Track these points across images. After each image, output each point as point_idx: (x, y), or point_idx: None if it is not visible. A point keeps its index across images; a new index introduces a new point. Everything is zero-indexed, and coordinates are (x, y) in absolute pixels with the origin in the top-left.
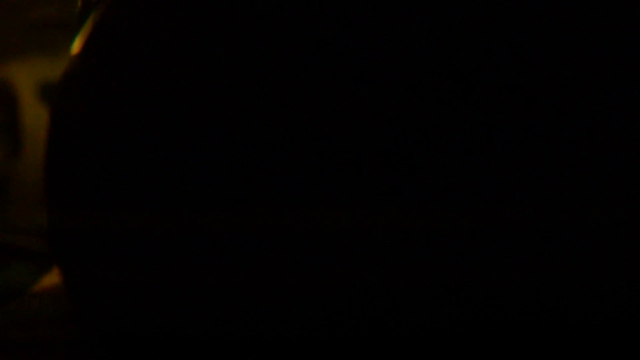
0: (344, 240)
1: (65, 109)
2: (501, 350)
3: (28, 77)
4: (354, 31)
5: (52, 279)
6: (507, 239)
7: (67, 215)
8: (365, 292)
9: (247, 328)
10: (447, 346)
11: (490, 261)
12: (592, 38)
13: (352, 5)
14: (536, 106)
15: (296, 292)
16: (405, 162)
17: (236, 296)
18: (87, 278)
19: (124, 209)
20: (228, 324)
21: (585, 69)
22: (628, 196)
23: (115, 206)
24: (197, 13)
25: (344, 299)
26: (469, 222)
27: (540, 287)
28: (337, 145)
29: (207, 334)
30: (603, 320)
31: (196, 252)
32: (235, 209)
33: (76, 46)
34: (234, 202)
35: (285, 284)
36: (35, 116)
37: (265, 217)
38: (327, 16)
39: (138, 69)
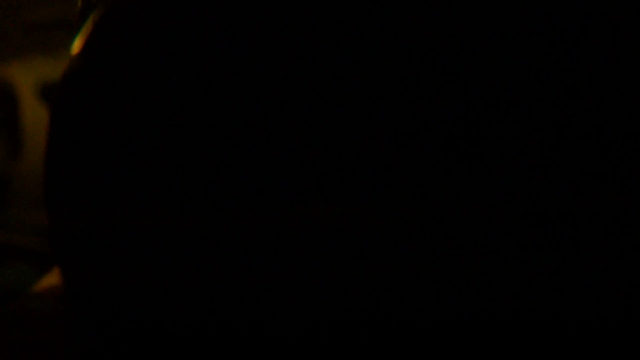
0: (343, 240)
1: (65, 109)
2: (500, 350)
3: (28, 77)
4: (353, 34)
5: (52, 279)
6: (507, 238)
7: (67, 216)
8: (364, 293)
9: (247, 328)
10: (446, 346)
11: (489, 260)
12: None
13: (351, 8)
14: (533, 108)
15: (296, 293)
16: (405, 164)
17: (235, 296)
18: (87, 278)
19: (124, 209)
20: (227, 324)
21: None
22: (628, 196)
23: (115, 206)
24: (196, 13)
25: (343, 299)
26: (470, 222)
27: (540, 287)
28: (338, 147)
29: (206, 334)
30: (602, 320)
31: (195, 253)
32: (234, 209)
33: (76, 46)
34: (234, 202)
35: (286, 284)
36: (35, 116)
37: (264, 217)
38: (329, 20)
39: (138, 69)
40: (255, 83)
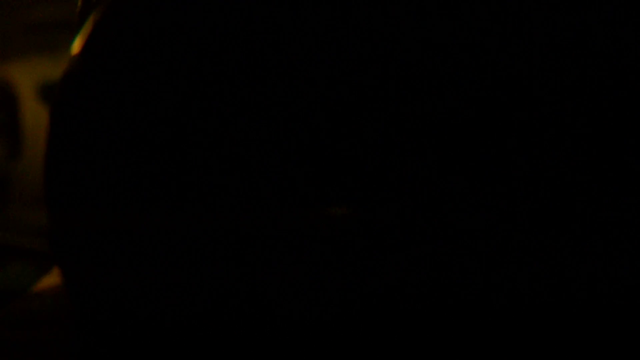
0: (343, 241)
1: (65, 109)
2: (499, 349)
3: (28, 77)
4: (350, 35)
5: (52, 279)
6: (507, 238)
7: (66, 215)
8: (363, 292)
9: (246, 328)
10: (446, 346)
11: (489, 260)
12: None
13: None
14: (533, 109)
15: (294, 294)
16: (406, 166)
17: (234, 297)
18: (87, 278)
19: (124, 208)
20: (226, 324)
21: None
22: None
23: (115, 206)
24: (196, 13)
25: (342, 299)
26: (470, 222)
27: (540, 286)
28: (338, 147)
29: (206, 333)
30: (602, 317)
31: (195, 252)
32: (233, 208)
33: (76, 46)
34: (233, 201)
35: (283, 283)
36: (35, 116)
37: (263, 218)
38: (330, 22)
39: (138, 68)
40: (255, 83)
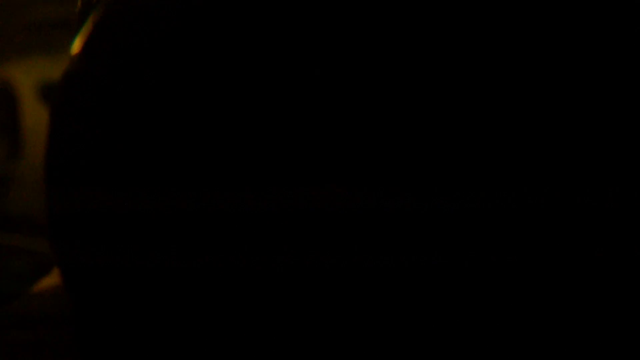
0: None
1: (65, 108)
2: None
3: (28, 77)
4: (349, 30)
5: (52, 279)
6: (507, 233)
7: (67, 216)
8: (362, 291)
9: (248, 327)
10: (447, 346)
11: (488, 252)
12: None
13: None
14: (535, 104)
15: (297, 284)
16: (404, 156)
17: (239, 292)
18: (87, 278)
19: (125, 209)
20: (229, 323)
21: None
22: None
23: (116, 207)
24: (197, 13)
25: (341, 298)
26: (469, 216)
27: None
28: (337, 140)
29: (208, 333)
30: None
31: (199, 247)
32: (236, 197)
33: (76, 46)
34: (235, 191)
35: (287, 276)
36: (35, 116)
37: (269, 207)
38: (327, 17)
39: (138, 68)
40: (254, 83)
